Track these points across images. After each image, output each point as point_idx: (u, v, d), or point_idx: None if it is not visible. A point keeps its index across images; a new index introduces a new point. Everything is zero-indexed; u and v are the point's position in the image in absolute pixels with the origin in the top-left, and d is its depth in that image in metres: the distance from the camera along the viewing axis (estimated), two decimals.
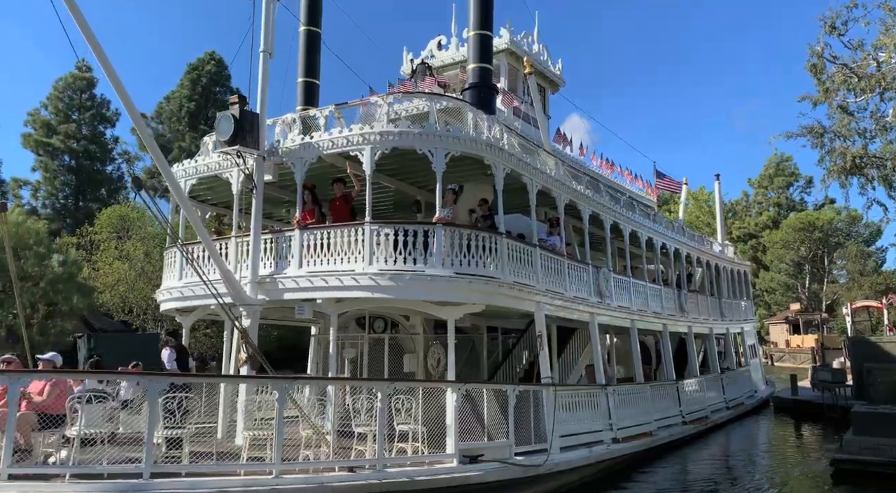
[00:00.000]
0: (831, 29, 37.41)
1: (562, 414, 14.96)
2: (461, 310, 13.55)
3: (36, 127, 62.45)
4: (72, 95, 64.41)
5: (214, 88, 64.52)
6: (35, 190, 62.48)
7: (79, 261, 37.35)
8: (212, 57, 65.92)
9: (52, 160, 61.79)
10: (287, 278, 13.77)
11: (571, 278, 16.62)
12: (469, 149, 13.67)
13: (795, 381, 31.31)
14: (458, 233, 13.32)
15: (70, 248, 39.82)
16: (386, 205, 18.58)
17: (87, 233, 45.54)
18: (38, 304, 33.58)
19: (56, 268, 34.77)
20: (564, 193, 16.68)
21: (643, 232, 21.37)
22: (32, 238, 34.12)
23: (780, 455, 20.44)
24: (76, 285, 34.99)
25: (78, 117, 63.42)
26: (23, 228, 33.99)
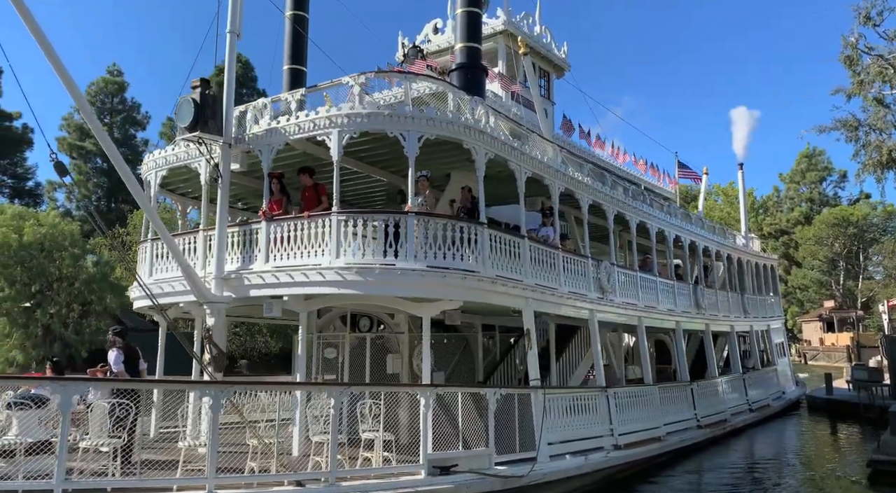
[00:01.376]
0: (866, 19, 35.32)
1: (553, 419, 13.55)
2: (437, 307, 12.22)
3: (70, 131, 62.85)
4: (104, 98, 64.64)
5: (241, 90, 63.93)
6: (69, 192, 62.68)
7: (112, 261, 37.37)
8: (237, 59, 65.32)
9: (86, 163, 62.17)
10: (253, 274, 12.58)
11: (567, 272, 15.17)
12: (445, 132, 12.32)
13: (830, 380, 29.95)
14: (433, 223, 11.96)
15: (103, 248, 39.93)
16: (380, 196, 17.32)
17: (119, 234, 45.31)
18: (73, 304, 33.62)
19: (90, 268, 35.30)
20: (559, 180, 15.22)
21: (653, 223, 19.74)
22: (67, 239, 34.29)
23: (813, 456, 19.39)
24: (109, 285, 35.05)
25: (110, 121, 63.57)
26: (58, 230, 34.23)
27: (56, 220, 36.75)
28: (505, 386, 17.77)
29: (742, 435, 22.35)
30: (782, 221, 77.87)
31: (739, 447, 20.84)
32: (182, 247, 13.80)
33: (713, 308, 23.84)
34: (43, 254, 32.97)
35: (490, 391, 12.00)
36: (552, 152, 16.41)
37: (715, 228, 27.76)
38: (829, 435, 24.00)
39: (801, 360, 64.44)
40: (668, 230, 20.79)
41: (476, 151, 12.74)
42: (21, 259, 31.86)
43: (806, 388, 34.65)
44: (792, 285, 72.08)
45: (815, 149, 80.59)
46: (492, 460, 11.71)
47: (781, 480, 16.20)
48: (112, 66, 65.28)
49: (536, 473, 12.13)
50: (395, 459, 11.05)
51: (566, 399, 14.12)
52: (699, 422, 19.74)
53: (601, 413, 15.17)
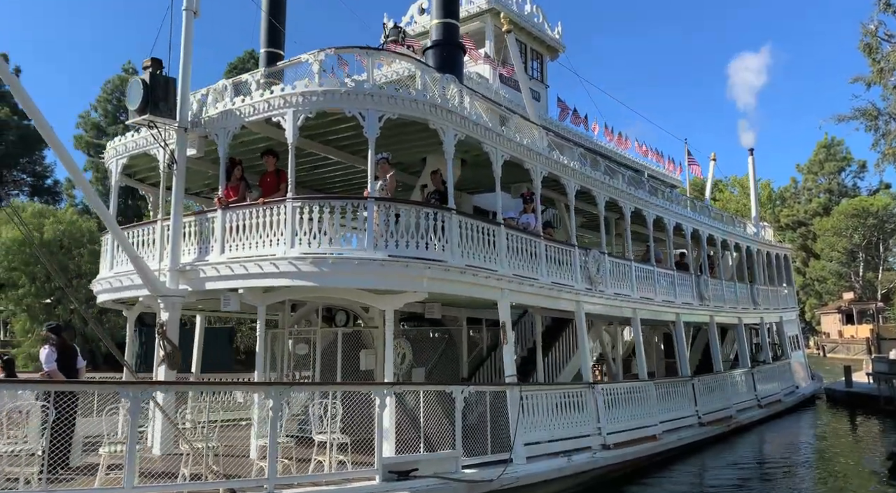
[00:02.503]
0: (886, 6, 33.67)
1: (533, 418, 12.49)
2: (400, 299, 11.21)
3: (86, 129, 62.46)
4: (119, 96, 64.04)
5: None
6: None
7: None
8: (252, 55, 64.65)
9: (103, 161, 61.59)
10: (208, 266, 11.65)
11: (551, 261, 14.08)
12: (408, 111, 11.28)
13: (850, 372, 29.37)
14: (395, 209, 10.92)
15: None
16: (358, 184, 16.26)
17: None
18: (93, 300, 33.48)
19: None
20: (541, 164, 14.10)
21: (650, 211, 18.53)
22: (86, 236, 34.19)
23: (831, 449, 18.79)
24: None
25: (125, 119, 63.03)
26: (76, 227, 34.34)
27: (74, 217, 36.94)
28: (490, 382, 16.78)
29: (749, 433, 21.10)
30: (800, 213, 75.72)
31: (745, 444, 19.62)
32: (141, 239, 12.94)
33: (718, 300, 22.57)
34: (62, 251, 32.82)
35: (457, 389, 10.96)
36: (538, 136, 15.31)
37: (723, 217, 26.40)
38: (849, 428, 23.14)
39: (820, 353, 62.66)
40: (668, 218, 19.57)
41: (444, 132, 11.69)
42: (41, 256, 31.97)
43: (822, 382, 33.20)
44: (810, 277, 70.07)
45: (833, 139, 78.28)
46: (459, 463, 10.69)
47: (789, 477, 15.35)
48: (127, 63, 64.86)
49: (509, 476, 11.08)
50: (350, 463, 10.04)
51: (548, 397, 13.04)
52: (701, 419, 18.52)
53: (588, 411, 14.08)
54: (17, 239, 30.90)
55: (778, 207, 77.78)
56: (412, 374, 14.49)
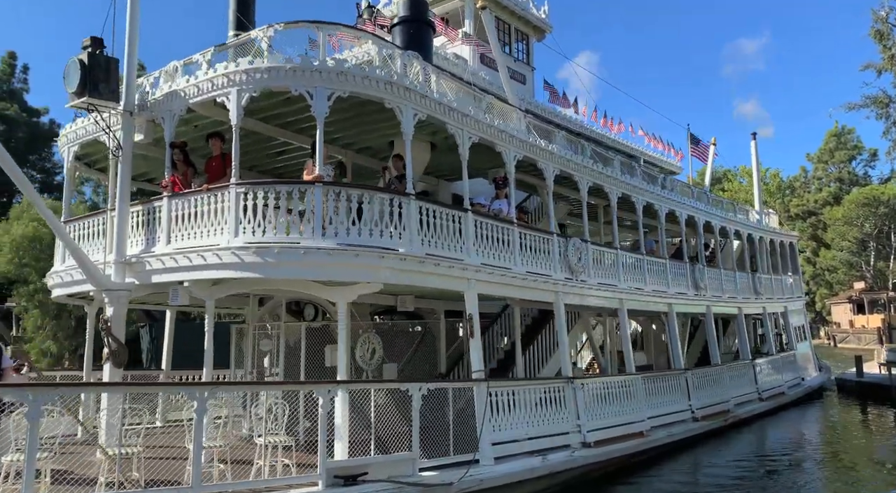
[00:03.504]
0: None
1: (503, 416, 11.57)
2: (353, 290, 10.34)
3: None
4: None
5: None
6: (96, 186, 62.13)
7: None
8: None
9: None
10: (154, 257, 10.79)
11: (526, 250, 13.16)
12: (360, 88, 10.36)
13: (861, 362, 28.68)
14: (345, 194, 10.01)
15: None
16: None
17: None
18: None
19: None
20: (514, 147, 13.13)
21: (639, 197, 17.49)
22: None
23: (842, 441, 18.41)
24: None
25: None
26: None
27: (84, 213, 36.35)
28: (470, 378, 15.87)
29: (749, 427, 20.04)
30: (810, 202, 74.02)
31: (743, 439, 18.63)
32: (91, 230, 12.14)
33: (716, 289, 21.49)
34: None
35: (414, 386, 10.08)
36: (516, 118, 14.34)
37: (723, 203, 25.24)
38: (860, 419, 22.65)
39: (831, 343, 61.20)
40: (660, 205, 18.51)
41: (402, 112, 10.78)
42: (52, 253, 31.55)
43: (831, 373, 32.01)
44: (820, 266, 68.51)
45: (843, 127, 76.53)
46: (415, 465, 9.83)
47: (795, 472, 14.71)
48: None
49: (471, 479, 10.21)
50: (294, 466, 9.17)
51: (521, 393, 12.10)
52: (695, 414, 17.49)
53: (567, 408, 13.12)
54: (27, 235, 30.38)
55: (788, 196, 76.10)
56: (383, 370, 13.58)
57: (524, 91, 19.86)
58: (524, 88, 20.09)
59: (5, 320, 50.35)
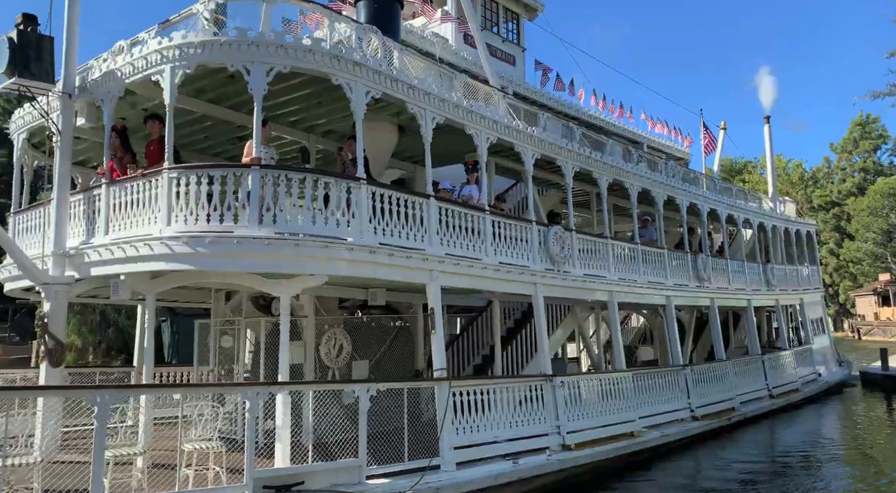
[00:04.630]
0: None
1: (470, 417, 10.60)
2: (296, 284, 9.44)
3: None
4: None
5: None
6: None
7: None
8: None
9: None
10: (93, 249, 9.95)
11: (500, 239, 12.14)
12: (304, 63, 9.42)
13: (886, 355, 27.81)
14: (285, 178, 9.05)
15: None
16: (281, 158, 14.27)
17: None
18: None
19: None
20: (487, 129, 12.09)
21: (633, 183, 16.29)
22: None
23: (865, 435, 17.69)
24: None
25: None
26: None
27: None
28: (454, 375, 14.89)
29: (756, 426, 18.75)
30: (833, 193, 71.66)
31: (749, 439, 17.39)
32: (34, 222, 11.35)
33: (722, 281, 20.19)
34: None
35: (361, 387, 9.10)
36: (495, 99, 13.30)
37: (732, 191, 23.85)
38: (886, 413, 21.76)
39: (855, 336, 59.14)
40: (657, 191, 17.29)
41: (350, 88, 9.81)
42: None
43: (852, 368, 30.47)
44: (844, 258, 66.26)
45: (868, 116, 73.87)
46: (362, 473, 8.91)
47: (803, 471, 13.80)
48: None
49: (427, 486, 9.29)
50: (224, 473, 8.27)
51: (491, 392, 11.07)
52: (694, 413, 16.32)
53: (546, 407, 12.08)
54: None
55: (810, 187, 73.76)
56: (352, 367, 12.65)
57: (514, 73, 18.76)
58: (514, 69, 18.98)
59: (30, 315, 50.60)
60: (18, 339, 52.84)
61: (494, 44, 17.32)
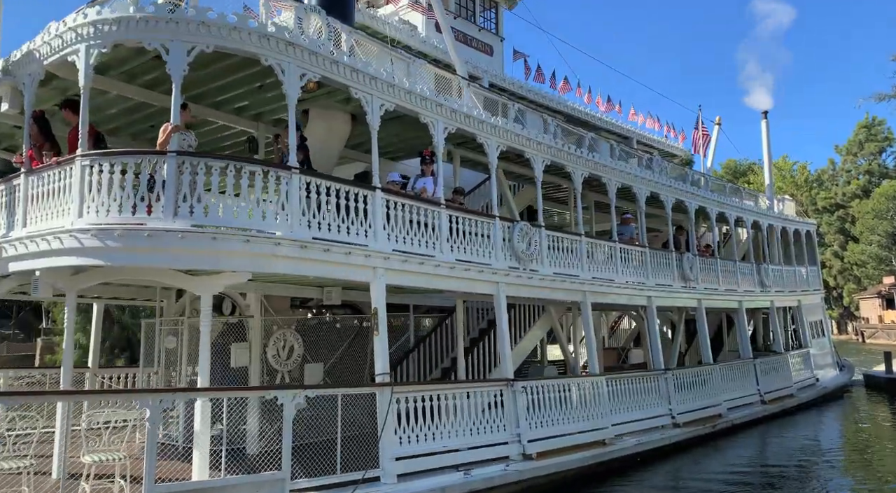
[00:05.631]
0: None
1: (418, 425, 9.67)
2: (218, 281, 8.57)
3: None
4: None
5: None
6: None
7: None
8: None
9: None
10: (9, 243, 9.13)
11: (458, 235, 11.23)
12: (229, 42, 8.57)
13: (890, 358, 27.10)
14: (204, 166, 8.17)
15: None
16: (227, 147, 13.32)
17: None
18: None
19: None
20: (444, 118, 11.16)
21: (611, 178, 15.29)
22: None
23: (868, 443, 16.89)
24: None
25: None
26: None
27: None
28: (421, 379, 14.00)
29: (744, 433, 17.68)
30: (838, 195, 70.10)
31: (736, 446, 16.40)
32: None
33: (711, 281, 19.12)
34: None
35: (286, 394, 8.18)
36: (456, 85, 12.38)
37: (725, 188, 22.73)
38: (891, 418, 21.03)
39: (859, 338, 57.72)
40: (638, 187, 16.28)
41: (282, 70, 8.93)
42: None
43: (853, 372, 29.22)
44: (848, 261, 64.70)
45: (874, 118, 72.25)
46: (285, 486, 8.01)
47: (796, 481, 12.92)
48: None
49: None
50: (128, 489, 7.39)
51: (442, 398, 10.13)
52: (675, 419, 15.30)
53: (506, 414, 11.12)
54: None
55: (815, 189, 72.21)
56: (305, 371, 11.75)
57: (491, 63, 17.82)
58: (491, 59, 18.04)
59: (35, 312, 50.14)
60: (23, 336, 52.57)
61: (470, 33, 16.42)
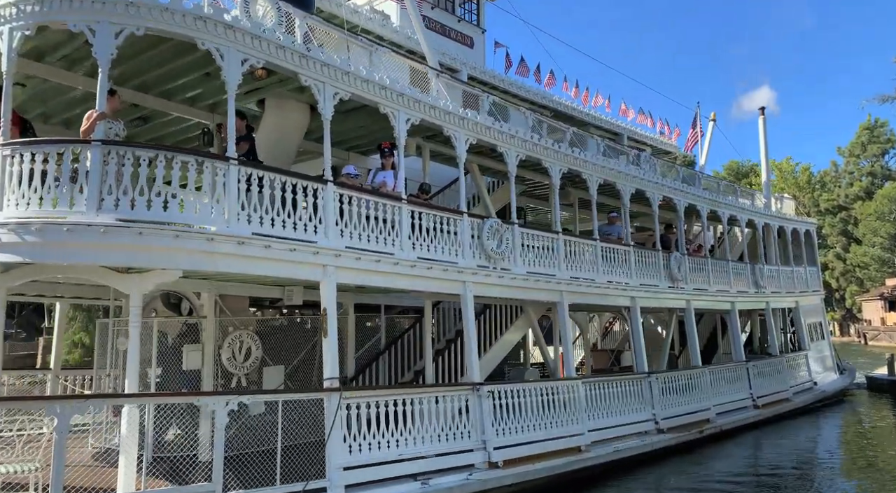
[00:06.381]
0: None
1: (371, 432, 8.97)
2: (148, 280, 7.92)
3: None
4: None
5: None
6: None
7: None
8: None
9: None
10: None
11: (421, 232, 10.56)
12: (161, 23, 7.94)
13: (894, 361, 26.44)
14: (132, 155, 7.51)
15: None
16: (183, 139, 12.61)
17: None
18: None
19: None
20: (406, 109, 10.48)
21: (591, 173, 14.55)
22: None
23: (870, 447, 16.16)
24: None
25: None
26: None
27: None
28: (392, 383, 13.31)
29: (734, 439, 16.87)
30: (840, 197, 68.97)
31: (724, 453, 15.59)
32: None
33: (701, 282, 18.33)
34: None
35: (219, 400, 7.50)
36: (434, 81, 11.71)
37: (719, 185, 21.89)
38: (893, 419, 20.56)
39: (861, 341, 56.63)
40: (622, 184, 15.53)
41: (222, 55, 8.24)
42: None
43: (854, 376, 28.25)
44: (851, 263, 63.59)
45: (877, 120, 71.14)
46: None
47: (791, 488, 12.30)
48: None
49: None
50: None
51: (399, 404, 9.43)
52: (659, 425, 14.53)
53: (471, 420, 10.41)
54: None
55: (817, 191, 71.10)
56: (263, 374, 11.08)
57: (472, 55, 17.13)
58: (472, 52, 17.35)
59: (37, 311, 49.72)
60: (25, 335, 52.18)
61: (449, 24, 15.74)
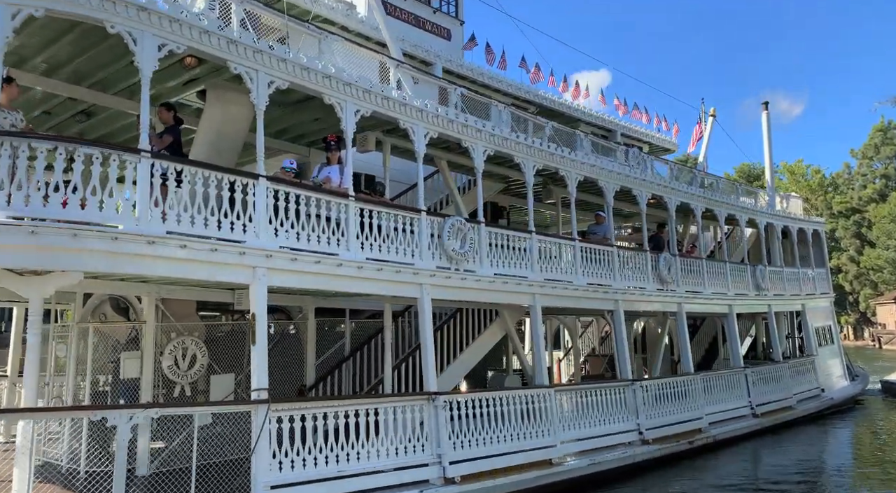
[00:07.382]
0: None
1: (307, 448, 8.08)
2: (48, 282, 7.16)
3: None
4: None
5: None
6: None
7: None
8: None
9: None
10: None
11: (371, 232, 9.68)
12: (61, 5, 7.20)
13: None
14: (28, 148, 6.79)
15: None
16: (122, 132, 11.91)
17: None
18: None
19: None
20: (354, 100, 9.66)
21: (570, 170, 13.61)
22: None
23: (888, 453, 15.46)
24: None
25: None
26: None
27: None
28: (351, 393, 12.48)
29: (729, 450, 15.80)
30: (854, 200, 67.12)
31: (712, 466, 14.48)
32: None
33: (694, 284, 17.28)
34: None
35: (122, 414, 6.70)
36: (393, 71, 10.90)
37: (718, 184, 20.79)
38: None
39: (876, 344, 54.86)
40: (605, 181, 14.57)
41: (135, 41, 7.53)
42: None
43: (867, 382, 26.82)
44: (865, 266, 61.69)
45: (890, 122, 69.50)
46: None
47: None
48: None
49: None
50: None
51: (341, 416, 8.57)
52: (643, 436, 13.52)
53: (427, 433, 9.54)
54: None
55: (830, 193, 69.30)
56: (211, 383, 10.30)
57: (448, 48, 16.26)
58: (448, 44, 16.48)
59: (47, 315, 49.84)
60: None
61: (424, 15, 14.91)
